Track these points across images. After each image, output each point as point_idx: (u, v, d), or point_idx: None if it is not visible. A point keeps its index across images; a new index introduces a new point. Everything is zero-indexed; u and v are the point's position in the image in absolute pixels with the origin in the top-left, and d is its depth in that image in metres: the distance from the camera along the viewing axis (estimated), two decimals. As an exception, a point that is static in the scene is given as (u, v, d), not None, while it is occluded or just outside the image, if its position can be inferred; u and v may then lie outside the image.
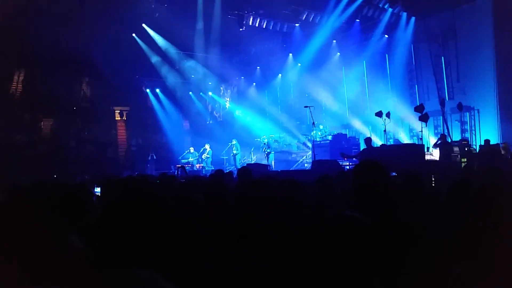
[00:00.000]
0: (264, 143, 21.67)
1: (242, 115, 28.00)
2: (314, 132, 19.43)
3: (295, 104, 25.35)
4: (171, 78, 27.48)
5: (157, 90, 28.08)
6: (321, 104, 23.72)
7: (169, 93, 28.07)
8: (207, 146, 23.69)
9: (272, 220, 3.11)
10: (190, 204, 4.10)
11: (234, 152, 22.60)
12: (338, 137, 18.96)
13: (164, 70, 26.72)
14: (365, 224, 2.26)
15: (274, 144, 22.61)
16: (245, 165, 16.25)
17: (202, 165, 23.18)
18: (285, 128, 25.27)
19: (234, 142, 22.73)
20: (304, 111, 21.28)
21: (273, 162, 21.00)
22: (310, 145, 19.99)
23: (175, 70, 27.11)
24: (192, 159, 23.40)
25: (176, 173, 13.86)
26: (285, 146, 23.27)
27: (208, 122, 29.88)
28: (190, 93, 29.09)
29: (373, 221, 2.30)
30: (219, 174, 8.10)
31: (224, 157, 24.33)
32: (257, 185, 4.15)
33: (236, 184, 6.10)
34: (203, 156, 23.50)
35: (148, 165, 24.02)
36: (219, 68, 26.71)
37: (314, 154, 16.01)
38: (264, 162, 20.04)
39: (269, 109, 26.70)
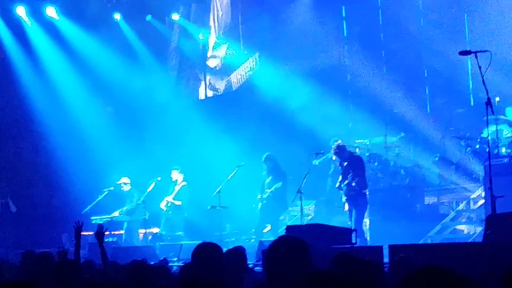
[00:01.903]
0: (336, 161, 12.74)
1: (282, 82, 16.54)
2: (493, 129, 11.29)
3: (436, 49, 14.46)
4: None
5: (18, 11, 16.49)
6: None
7: (57, 24, 16.53)
8: (176, 175, 14.18)
9: None
10: None
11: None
12: None
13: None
14: None
15: (372, 164, 13.25)
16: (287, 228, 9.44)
17: (157, 230, 14.06)
18: (400, 119, 14.62)
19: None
20: (459, 68, 13.18)
21: (367, 219, 11.78)
22: (479, 169, 12.04)
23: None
24: (121, 213, 14.12)
25: (86, 256, 8.60)
26: (401, 169, 13.55)
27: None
28: (117, 16, 17.35)
29: None
30: (212, 266, 3.86)
31: (216, 207, 13.63)
32: None
33: None
34: (162, 205, 14.06)
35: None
36: None
37: (492, 196, 8.72)
38: (339, 220, 11.83)
39: (356, 65, 15.98)
